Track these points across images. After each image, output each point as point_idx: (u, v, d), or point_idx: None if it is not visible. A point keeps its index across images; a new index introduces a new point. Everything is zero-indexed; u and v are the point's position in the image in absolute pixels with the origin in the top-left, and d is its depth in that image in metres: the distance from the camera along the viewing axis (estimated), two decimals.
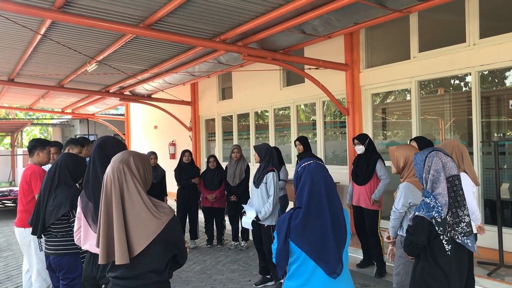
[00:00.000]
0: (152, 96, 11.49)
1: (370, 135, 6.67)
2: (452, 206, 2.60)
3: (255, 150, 5.33)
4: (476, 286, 4.06)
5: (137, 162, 2.21)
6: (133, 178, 2.16)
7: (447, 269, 2.60)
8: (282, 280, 4.48)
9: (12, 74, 8.89)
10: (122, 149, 2.73)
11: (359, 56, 7.28)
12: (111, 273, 2.20)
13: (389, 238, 3.69)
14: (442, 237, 2.57)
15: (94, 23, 5.22)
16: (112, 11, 5.17)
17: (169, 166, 9.21)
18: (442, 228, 2.56)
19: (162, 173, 7.35)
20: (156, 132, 14.10)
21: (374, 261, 5.64)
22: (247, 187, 6.96)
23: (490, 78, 6.34)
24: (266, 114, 9.90)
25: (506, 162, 5.91)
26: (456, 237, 2.60)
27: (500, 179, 5.27)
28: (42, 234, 3.46)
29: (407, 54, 6.61)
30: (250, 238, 6.92)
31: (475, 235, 3.63)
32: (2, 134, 21.50)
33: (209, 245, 7.45)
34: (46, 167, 4.76)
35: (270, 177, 5.05)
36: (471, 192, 3.64)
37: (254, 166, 6.14)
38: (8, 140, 22.62)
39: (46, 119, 22.96)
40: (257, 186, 5.17)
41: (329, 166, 6.42)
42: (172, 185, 7.94)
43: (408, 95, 7.05)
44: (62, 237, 3.37)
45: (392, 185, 5.42)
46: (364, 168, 5.59)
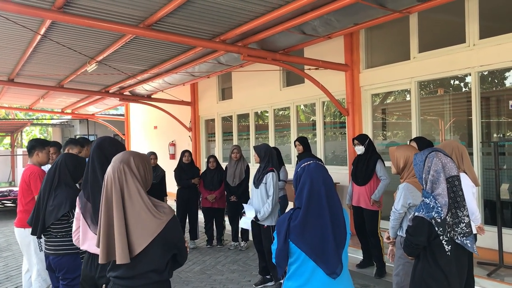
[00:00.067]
0: (152, 96, 11.49)
1: (370, 136, 6.66)
2: (451, 206, 2.60)
3: (255, 151, 5.33)
4: (476, 287, 4.06)
5: (137, 162, 2.23)
6: (133, 178, 2.17)
7: (447, 269, 2.60)
8: (281, 280, 4.48)
9: (12, 74, 8.90)
10: (120, 149, 2.73)
11: (359, 56, 7.28)
12: (112, 272, 2.21)
13: (389, 239, 3.69)
14: (442, 237, 2.57)
15: (94, 24, 5.23)
16: (112, 12, 5.17)
17: (169, 166, 9.21)
18: (441, 228, 2.56)
19: (162, 173, 7.35)
20: (156, 132, 14.10)
21: (374, 261, 5.64)
22: (247, 188, 6.96)
23: (490, 79, 6.34)
24: (266, 114, 9.90)
25: (506, 163, 5.91)
26: (455, 237, 2.60)
27: (499, 180, 5.27)
28: (42, 234, 3.46)
29: (407, 55, 6.61)
30: (250, 238, 6.92)
31: (475, 236, 3.64)
32: (2, 134, 21.49)
33: (209, 245, 7.45)
34: (46, 168, 4.76)
35: (270, 177, 5.05)
36: (471, 192, 3.65)
37: (254, 167, 6.14)
38: (8, 140, 22.60)
39: (46, 119, 22.93)
40: (257, 186, 5.17)
41: (328, 167, 6.42)
42: (172, 185, 7.93)
43: (408, 96, 7.05)
44: (62, 237, 3.37)
45: (392, 185, 5.42)
46: (364, 168, 5.58)
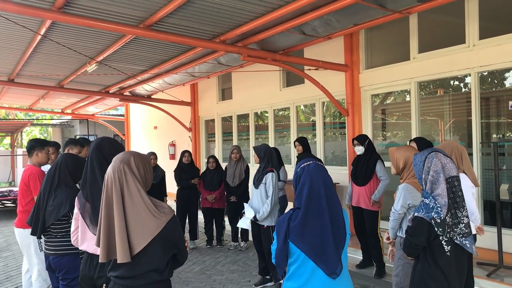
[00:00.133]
0: (152, 96, 11.49)
1: (370, 136, 6.67)
2: (451, 207, 2.60)
3: (255, 151, 5.34)
4: (475, 287, 4.07)
5: (137, 162, 2.24)
6: (133, 178, 2.18)
7: (447, 270, 2.60)
8: (281, 280, 4.49)
9: (12, 74, 8.90)
10: (119, 150, 2.73)
11: (359, 57, 7.28)
12: (112, 272, 2.21)
13: (388, 239, 3.69)
14: (441, 238, 2.57)
15: (94, 24, 5.23)
16: (112, 12, 5.17)
17: (168, 166, 9.21)
18: (441, 229, 2.56)
19: (162, 173, 7.35)
20: (156, 132, 14.10)
21: (374, 261, 5.64)
22: (247, 188, 6.96)
23: (489, 79, 6.34)
24: (266, 114, 9.90)
25: (506, 163, 5.91)
26: (455, 238, 2.60)
27: (499, 180, 5.27)
28: (42, 234, 3.46)
29: (407, 55, 6.61)
30: (250, 238, 6.92)
31: (474, 236, 3.64)
32: (2, 134, 21.48)
33: (208, 245, 7.45)
34: (45, 168, 4.76)
35: (269, 177, 5.05)
36: (471, 193, 3.65)
37: (254, 167, 6.14)
38: (8, 140, 22.59)
39: (46, 120, 22.93)
40: (256, 186, 5.17)
41: (328, 167, 6.42)
42: (171, 185, 7.94)
43: (407, 96, 7.05)
44: (62, 237, 3.37)
45: (392, 185, 5.42)
46: (363, 169, 5.58)
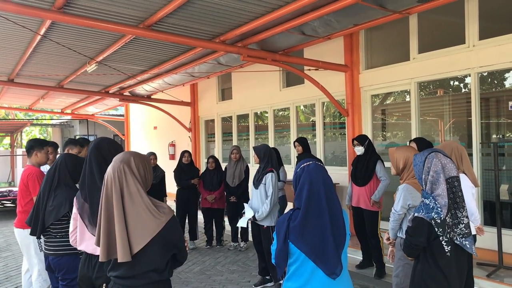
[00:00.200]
0: (151, 96, 11.49)
1: (370, 136, 6.67)
2: (451, 207, 2.60)
3: (255, 151, 5.34)
4: (475, 287, 4.06)
5: (137, 162, 2.24)
6: (133, 178, 2.19)
7: (447, 270, 2.60)
8: (281, 281, 4.48)
9: (11, 74, 8.90)
10: (118, 150, 2.74)
11: (359, 57, 7.28)
12: (112, 272, 2.22)
13: (389, 240, 3.69)
14: (441, 238, 2.57)
15: (93, 24, 5.22)
16: (112, 12, 5.17)
17: (168, 166, 9.21)
18: (441, 229, 2.56)
19: (162, 173, 7.34)
20: (155, 132, 14.10)
21: (374, 262, 5.64)
22: (247, 188, 6.96)
23: (489, 80, 6.34)
24: (266, 115, 9.90)
25: (506, 164, 5.91)
26: (454, 238, 2.60)
27: (499, 181, 5.27)
28: (42, 234, 3.46)
29: (407, 55, 6.61)
30: (250, 239, 6.92)
31: (474, 236, 3.64)
32: (2, 134, 21.46)
33: (208, 246, 7.45)
34: (44, 168, 4.75)
35: (269, 178, 5.05)
36: (470, 193, 3.65)
37: (254, 167, 6.14)
38: (7, 140, 22.59)
39: (45, 120, 22.93)
40: (256, 187, 5.17)
41: (328, 167, 6.42)
42: (171, 186, 7.93)
43: (407, 96, 7.05)
44: (62, 237, 3.36)
45: (392, 186, 5.42)
46: (363, 169, 5.58)
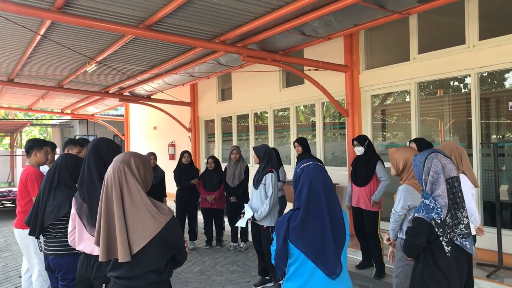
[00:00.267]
0: (151, 97, 11.49)
1: (370, 137, 6.67)
2: (451, 207, 2.60)
3: (254, 151, 5.34)
4: None
5: (137, 162, 2.25)
6: (133, 178, 2.19)
7: (447, 270, 2.60)
8: (281, 281, 4.48)
9: (11, 74, 8.90)
10: (117, 150, 2.75)
11: (359, 57, 7.28)
12: (112, 272, 2.22)
13: (389, 240, 3.69)
14: (441, 238, 2.57)
15: (93, 24, 5.23)
16: (112, 12, 5.17)
17: (168, 167, 9.21)
18: (441, 229, 2.56)
19: (162, 174, 7.33)
20: (155, 133, 14.10)
21: (374, 262, 5.63)
22: (247, 188, 6.95)
23: (489, 80, 6.34)
24: (266, 115, 9.90)
25: (505, 164, 5.91)
26: (454, 238, 2.60)
27: (499, 181, 5.27)
28: (41, 234, 3.46)
29: (407, 56, 6.61)
30: (250, 239, 6.92)
31: (474, 237, 3.64)
32: (2, 134, 21.46)
33: (208, 246, 7.45)
34: (43, 169, 4.74)
35: (269, 178, 5.05)
36: (470, 193, 3.65)
37: (254, 167, 6.14)
38: (7, 140, 22.58)
39: (45, 120, 22.94)
40: (256, 187, 5.17)
41: (328, 167, 6.42)
42: (171, 186, 7.93)
43: (407, 97, 7.05)
44: (61, 237, 3.36)
45: (392, 186, 5.42)
46: (363, 169, 5.58)
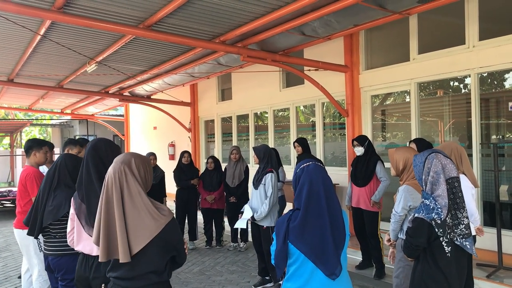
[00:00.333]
0: (151, 97, 11.49)
1: (370, 137, 6.67)
2: (451, 208, 2.60)
3: (254, 152, 5.34)
4: None
5: (138, 163, 2.25)
6: (134, 179, 2.20)
7: (447, 271, 2.60)
8: (281, 281, 4.48)
9: (11, 74, 8.89)
10: (115, 151, 2.76)
11: (359, 57, 7.28)
12: (112, 273, 2.23)
13: (389, 241, 3.68)
14: (442, 239, 2.57)
15: (93, 24, 5.22)
16: (112, 12, 5.17)
17: (168, 167, 9.20)
18: (441, 230, 2.56)
19: (161, 174, 7.33)
20: (155, 133, 14.10)
21: (373, 262, 5.63)
22: (246, 188, 6.95)
23: (489, 80, 6.34)
24: (266, 115, 9.89)
25: (505, 164, 5.91)
26: (455, 239, 2.60)
27: (499, 181, 5.27)
28: (41, 234, 3.45)
29: (407, 56, 6.61)
30: (249, 239, 6.92)
31: (474, 237, 3.63)
32: (1, 134, 21.47)
33: (208, 246, 7.45)
34: (42, 169, 4.74)
35: (269, 178, 5.05)
36: (470, 194, 3.65)
37: (254, 167, 6.13)
38: (7, 140, 22.58)
39: (45, 120, 22.94)
40: (256, 187, 5.17)
41: (328, 168, 6.42)
42: (171, 186, 7.93)
43: (407, 97, 7.05)
44: (61, 237, 3.35)
45: (392, 186, 5.42)
46: (363, 169, 5.58)
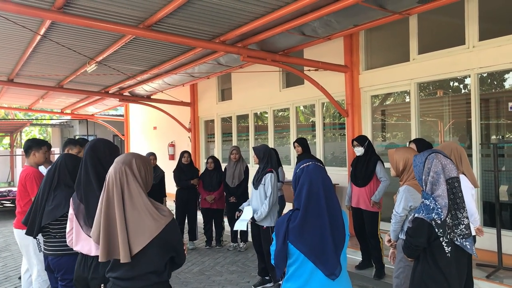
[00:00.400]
0: (151, 97, 11.49)
1: (369, 137, 6.67)
2: (451, 208, 2.60)
3: (254, 152, 5.34)
4: None
5: (139, 164, 2.26)
6: (134, 179, 2.21)
7: (447, 271, 2.60)
8: (280, 281, 4.48)
9: (11, 74, 8.89)
10: (114, 152, 2.77)
11: (359, 58, 7.28)
12: (111, 273, 2.23)
13: (390, 241, 3.68)
14: (441, 239, 2.57)
15: (93, 24, 5.22)
16: (112, 12, 5.17)
17: (168, 167, 9.20)
18: (441, 230, 2.56)
19: (161, 174, 7.33)
20: (155, 133, 14.10)
21: (373, 262, 5.63)
22: (246, 188, 6.96)
23: (489, 81, 6.34)
24: (266, 115, 9.89)
25: (505, 164, 5.91)
26: (455, 239, 2.60)
27: (498, 182, 5.27)
28: (41, 234, 3.45)
29: (407, 56, 6.61)
30: (249, 239, 6.92)
31: (474, 237, 3.64)
32: (1, 134, 21.47)
33: (208, 246, 7.45)
34: (41, 169, 4.74)
35: (268, 178, 5.05)
36: (470, 194, 3.66)
37: (254, 167, 6.13)
38: (7, 140, 22.58)
39: (45, 120, 22.94)
40: (256, 187, 5.16)
41: (328, 168, 6.42)
42: (171, 186, 7.93)
43: (407, 97, 7.05)
44: (61, 237, 3.35)
45: (392, 187, 5.42)
46: (363, 170, 5.58)
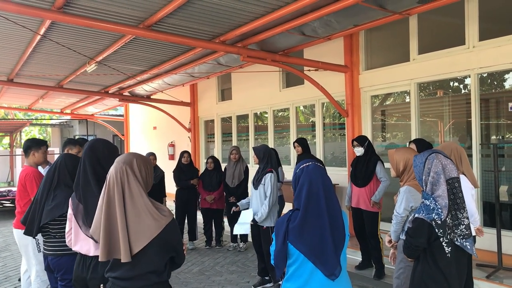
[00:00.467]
0: (151, 97, 11.49)
1: (369, 137, 6.66)
2: (451, 208, 2.60)
3: (254, 152, 5.34)
4: None
5: (139, 164, 2.27)
6: (135, 179, 2.21)
7: (447, 271, 2.59)
8: (280, 281, 4.48)
9: (11, 74, 8.89)
10: (113, 152, 2.77)
11: (359, 58, 7.28)
12: (111, 273, 2.23)
13: (390, 242, 3.68)
14: (442, 239, 2.57)
15: (93, 24, 5.22)
16: (112, 12, 5.17)
17: (168, 167, 9.20)
18: (442, 230, 2.56)
19: (161, 174, 7.33)
20: (155, 133, 14.09)
21: (373, 263, 5.63)
22: (246, 189, 6.95)
23: (489, 81, 6.34)
24: (265, 115, 9.89)
25: (505, 165, 5.91)
26: (455, 239, 2.60)
27: (499, 182, 5.27)
28: (41, 234, 3.45)
29: (407, 56, 6.61)
30: (249, 239, 6.91)
31: (474, 238, 3.63)
32: (1, 134, 21.47)
33: (207, 246, 7.44)
34: (40, 169, 4.74)
35: (268, 178, 5.04)
36: (470, 194, 3.66)
37: (254, 168, 6.13)
38: (7, 140, 22.58)
39: (45, 120, 22.93)
40: (256, 187, 5.16)
41: (328, 168, 6.42)
42: (171, 186, 7.92)
43: (407, 97, 7.05)
44: (61, 237, 3.35)
45: (392, 187, 5.42)
46: (363, 170, 5.57)
